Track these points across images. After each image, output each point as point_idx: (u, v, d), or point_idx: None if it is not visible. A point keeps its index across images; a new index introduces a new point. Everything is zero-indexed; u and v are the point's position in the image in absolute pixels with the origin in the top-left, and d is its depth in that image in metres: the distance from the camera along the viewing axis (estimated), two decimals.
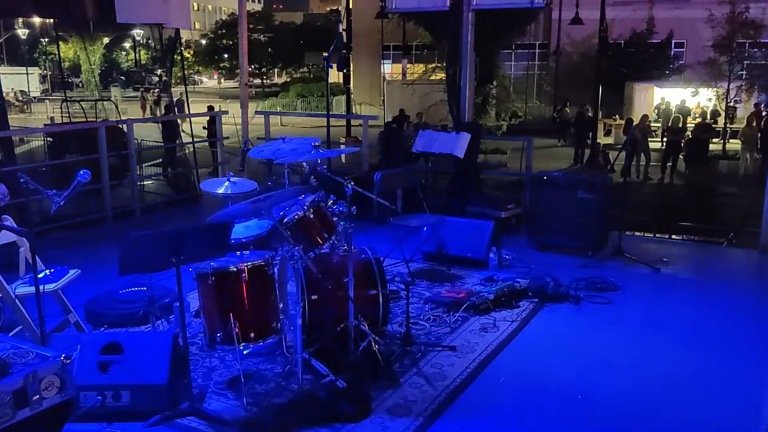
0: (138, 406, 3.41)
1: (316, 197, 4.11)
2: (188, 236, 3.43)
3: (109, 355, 3.48)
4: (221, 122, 9.61)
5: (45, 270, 4.14)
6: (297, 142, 4.52)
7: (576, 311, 5.02)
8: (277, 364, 4.02)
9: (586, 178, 6.31)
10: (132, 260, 3.31)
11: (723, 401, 3.72)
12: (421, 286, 5.50)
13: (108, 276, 4.76)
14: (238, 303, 3.59)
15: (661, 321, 4.85)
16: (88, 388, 3.38)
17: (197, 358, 4.08)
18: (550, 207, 6.41)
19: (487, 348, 4.32)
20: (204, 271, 3.58)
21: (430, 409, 3.56)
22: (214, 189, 4.57)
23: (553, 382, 3.91)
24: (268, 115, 10.39)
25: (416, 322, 4.66)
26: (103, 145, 7.58)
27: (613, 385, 3.89)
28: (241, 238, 4.08)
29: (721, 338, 4.56)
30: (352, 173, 6.68)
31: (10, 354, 2.76)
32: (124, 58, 44.84)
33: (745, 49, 23.68)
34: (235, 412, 3.50)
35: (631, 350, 4.37)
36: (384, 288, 4.16)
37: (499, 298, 5.02)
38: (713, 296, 5.39)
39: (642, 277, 5.79)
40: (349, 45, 23.13)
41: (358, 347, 4.01)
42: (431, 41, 20.38)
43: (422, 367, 4.03)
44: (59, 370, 2.71)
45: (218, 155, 9.51)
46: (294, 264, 3.68)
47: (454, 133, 7.32)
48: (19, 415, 2.58)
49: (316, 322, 3.94)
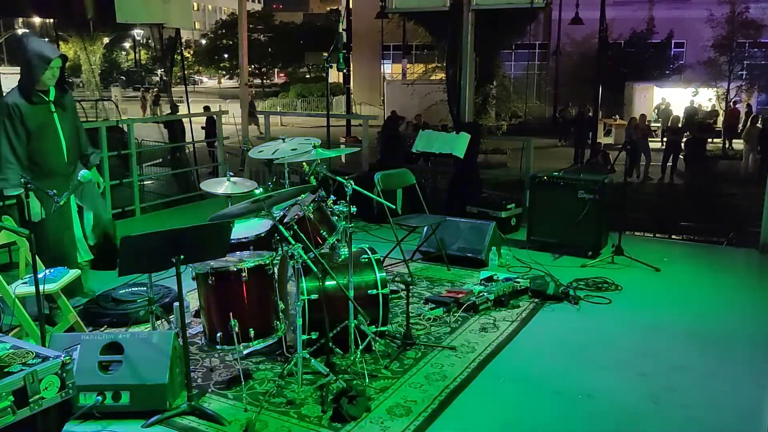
0: (138, 406, 3.41)
1: (316, 197, 4.12)
2: (188, 236, 3.43)
3: (109, 355, 3.48)
4: (221, 122, 9.61)
5: (45, 270, 4.14)
6: (297, 142, 4.52)
7: (576, 311, 5.02)
8: (277, 364, 4.02)
9: (586, 178, 6.31)
10: (132, 260, 3.32)
11: (723, 401, 3.72)
12: (421, 286, 5.50)
13: (108, 276, 4.77)
14: (238, 303, 3.59)
15: (660, 321, 4.85)
16: (88, 388, 3.38)
17: (197, 358, 4.09)
18: (550, 207, 6.41)
19: (487, 348, 4.33)
20: (204, 271, 3.58)
21: (430, 409, 3.56)
22: (214, 189, 4.57)
23: (553, 382, 3.91)
24: (268, 115, 10.41)
25: (416, 322, 4.66)
26: (103, 145, 7.58)
27: (613, 385, 3.89)
28: (241, 238, 4.08)
29: (721, 338, 4.56)
30: (352, 173, 6.68)
31: (10, 354, 2.76)
32: (124, 58, 44.84)
33: (745, 49, 23.70)
34: (235, 412, 3.50)
35: (630, 350, 4.37)
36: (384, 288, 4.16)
37: (499, 298, 5.02)
38: (713, 296, 5.39)
39: (642, 277, 5.79)
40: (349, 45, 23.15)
41: (358, 347, 4.02)
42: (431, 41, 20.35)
43: (422, 367, 4.03)
44: (59, 370, 2.71)
45: (218, 155, 9.52)
46: (294, 264, 3.68)
47: (454, 133, 7.32)
48: (19, 415, 2.58)
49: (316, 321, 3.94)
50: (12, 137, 4.39)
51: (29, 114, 4.43)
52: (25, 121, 4.42)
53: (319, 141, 4.35)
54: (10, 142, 4.38)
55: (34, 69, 4.41)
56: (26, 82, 4.47)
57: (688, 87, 23.97)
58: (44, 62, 4.41)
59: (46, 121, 4.53)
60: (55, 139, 4.57)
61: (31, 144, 4.46)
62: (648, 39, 26.40)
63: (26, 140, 4.44)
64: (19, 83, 4.49)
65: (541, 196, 6.53)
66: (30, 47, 4.46)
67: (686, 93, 23.60)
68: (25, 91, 4.46)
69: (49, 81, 4.49)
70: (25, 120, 4.42)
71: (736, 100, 22.92)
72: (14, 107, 4.40)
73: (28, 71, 4.45)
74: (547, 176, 6.48)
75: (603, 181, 6.26)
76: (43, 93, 4.51)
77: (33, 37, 4.94)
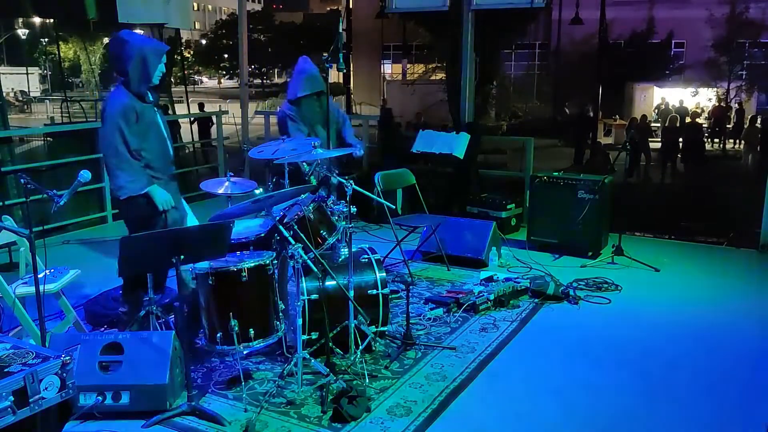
0: (138, 406, 3.42)
1: (316, 197, 4.12)
2: (188, 236, 3.44)
3: (109, 355, 3.48)
4: (221, 122, 9.61)
5: (45, 270, 4.14)
6: (297, 142, 4.51)
7: (576, 311, 5.02)
8: (277, 364, 4.02)
9: (586, 178, 6.32)
10: (132, 260, 3.32)
11: (723, 401, 3.72)
12: (421, 286, 5.50)
13: (108, 276, 4.77)
14: (238, 303, 3.59)
15: (660, 321, 4.86)
16: (88, 388, 3.38)
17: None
18: (550, 207, 6.42)
19: (487, 348, 4.33)
20: (204, 271, 3.58)
21: (430, 409, 3.56)
22: (214, 189, 4.57)
23: (553, 382, 3.91)
24: (268, 115, 10.40)
25: (416, 322, 4.66)
26: None
27: (613, 385, 3.89)
28: (241, 238, 4.08)
29: (720, 338, 4.56)
30: (352, 173, 6.68)
31: (10, 354, 2.76)
32: None
33: (745, 49, 23.71)
34: (235, 412, 3.50)
35: (630, 350, 4.37)
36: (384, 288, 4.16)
37: (499, 298, 5.03)
38: (713, 296, 5.39)
39: (642, 277, 5.80)
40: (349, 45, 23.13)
41: (358, 347, 4.02)
42: (431, 41, 20.39)
43: (422, 367, 4.03)
44: (59, 370, 2.71)
45: (218, 155, 9.52)
46: (294, 264, 3.68)
47: (454, 133, 7.32)
48: (19, 415, 2.58)
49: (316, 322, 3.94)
50: (129, 140, 3.99)
51: (142, 114, 4.07)
52: (140, 123, 4.06)
53: (319, 141, 4.35)
54: (128, 146, 3.99)
55: (149, 65, 4.05)
56: (138, 80, 4.06)
57: (688, 87, 23.98)
58: (158, 57, 4.11)
59: (153, 120, 4.17)
60: (162, 139, 4.21)
61: (144, 146, 4.08)
62: (648, 39, 26.38)
63: (141, 143, 4.06)
64: (126, 82, 4.06)
65: (541, 196, 6.53)
66: (141, 43, 4.11)
67: (686, 93, 23.62)
68: (138, 90, 4.07)
69: (158, 77, 4.16)
70: (139, 121, 4.05)
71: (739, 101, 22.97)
72: (131, 108, 4.02)
73: (141, 68, 4.04)
74: (547, 176, 6.48)
75: (603, 181, 6.26)
76: (150, 90, 4.17)
77: (134, 31, 4.58)
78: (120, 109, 4.00)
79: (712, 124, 21.58)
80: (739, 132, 19.34)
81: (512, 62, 28.80)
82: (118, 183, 4.01)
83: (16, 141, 11.26)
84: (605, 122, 22.02)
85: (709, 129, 21.22)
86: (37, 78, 39.86)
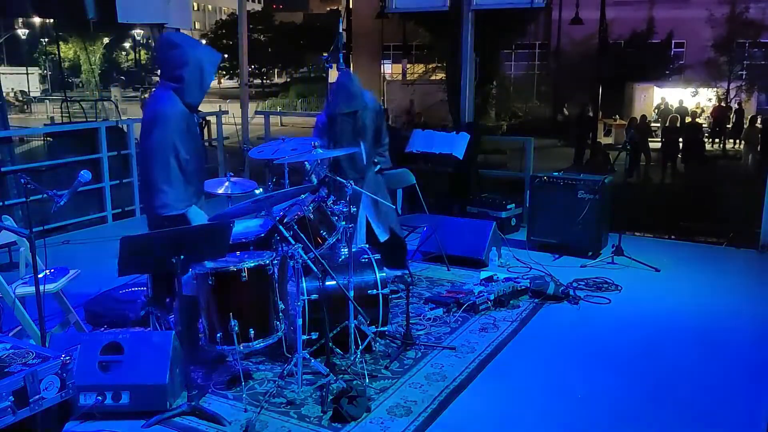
0: (138, 406, 3.42)
1: (316, 197, 4.11)
2: (188, 236, 3.44)
3: (109, 355, 3.48)
4: (221, 122, 9.61)
5: (45, 270, 4.14)
6: (297, 142, 4.51)
7: (576, 311, 5.02)
8: (277, 364, 4.02)
9: (586, 178, 6.32)
10: (131, 260, 3.32)
11: (723, 401, 3.73)
12: (421, 286, 5.50)
13: (108, 276, 4.77)
14: (238, 303, 3.59)
15: (660, 321, 4.86)
16: (88, 388, 3.38)
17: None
18: (550, 207, 6.42)
19: (487, 348, 4.33)
20: (203, 271, 3.58)
21: (430, 409, 3.56)
22: (214, 189, 4.57)
23: (553, 382, 3.91)
24: (268, 115, 10.40)
25: (416, 322, 4.66)
26: (103, 145, 7.60)
27: (613, 385, 3.89)
28: (241, 238, 4.08)
29: (720, 338, 4.56)
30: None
31: (10, 354, 2.76)
32: (125, 58, 44.84)
33: (745, 49, 23.69)
34: (235, 412, 3.50)
35: (630, 350, 4.37)
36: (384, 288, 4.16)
37: (499, 298, 5.02)
38: (713, 296, 5.39)
39: (642, 277, 5.80)
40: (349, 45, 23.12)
41: (358, 347, 4.02)
42: (431, 41, 20.39)
43: (422, 367, 4.03)
44: (59, 370, 2.71)
45: (218, 155, 9.52)
46: (294, 264, 3.68)
47: (453, 133, 7.32)
48: (19, 415, 2.58)
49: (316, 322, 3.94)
50: (181, 154, 3.77)
51: (191, 126, 3.87)
52: (189, 135, 3.84)
53: (318, 141, 4.35)
54: (179, 160, 3.76)
55: (206, 74, 3.86)
56: (196, 90, 3.84)
57: (688, 87, 23.96)
58: (214, 66, 3.93)
59: (197, 133, 4.01)
60: (201, 155, 4.01)
61: (190, 160, 3.84)
62: (648, 39, 26.35)
63: (188, 157, 3.81)
64: (179, 90, 3.81)
65: (541, 196, 6.53)
66: (195, 48, 3.90)
67: (686, 93, 23.60)
68: (194, 100, 3.87)
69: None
70: (189, 133, 3.84)
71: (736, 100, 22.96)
72: (185, 119, 3.81)
73: (199, 77, 3.84)
74: (547, 176, 6.48)
75: (603, 181, 6.26)
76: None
77: (182, 33, 4.43)
78: (177, 118, 3.76)
79: (712, 124, 21.61)
80: (739, 132, 19.36)
81: (512, 62, 28.77)
82: (164, 200, 3.74)
83: (16, 141, 11.24)
84: (605, 122, 22.00)
85: (709, 129, 21.25)
86: (37, 78, 39.86)
